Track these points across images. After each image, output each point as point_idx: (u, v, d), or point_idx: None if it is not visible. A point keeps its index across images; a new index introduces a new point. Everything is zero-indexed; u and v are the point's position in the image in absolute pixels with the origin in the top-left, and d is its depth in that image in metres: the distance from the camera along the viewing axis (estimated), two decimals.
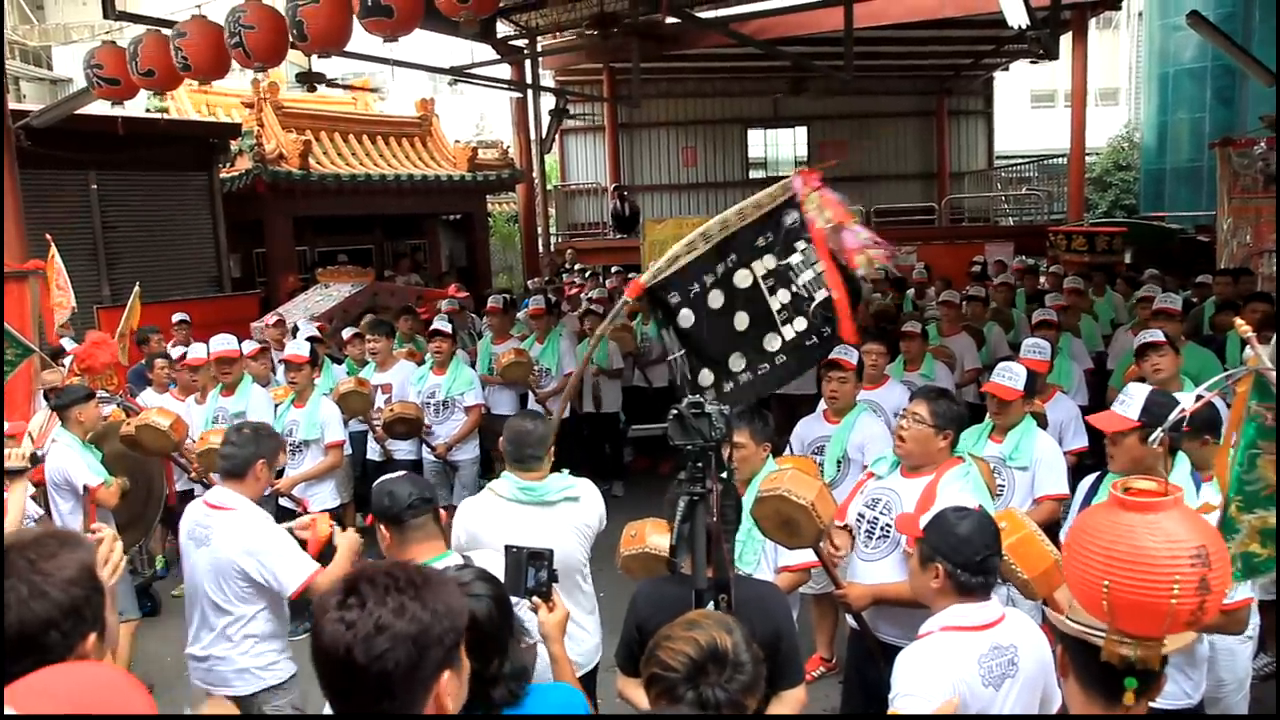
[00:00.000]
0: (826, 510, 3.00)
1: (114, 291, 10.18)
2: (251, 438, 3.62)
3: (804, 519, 2.96)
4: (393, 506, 2.79)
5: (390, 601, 1.45)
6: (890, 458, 3.70)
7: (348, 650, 1.42)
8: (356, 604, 1.45)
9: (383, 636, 1.42)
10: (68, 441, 4.90)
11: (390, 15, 5.73)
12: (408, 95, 19.35)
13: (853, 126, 21.16)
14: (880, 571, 3.45)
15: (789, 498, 2.95)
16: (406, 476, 2.92)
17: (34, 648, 1.53)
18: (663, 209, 20.79)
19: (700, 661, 1.81)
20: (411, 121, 14.86)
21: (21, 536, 1.65)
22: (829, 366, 4.85)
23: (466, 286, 12.00)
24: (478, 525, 3.40)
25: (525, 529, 3.27)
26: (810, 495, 2.95)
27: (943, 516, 2.55)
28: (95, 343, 6.11)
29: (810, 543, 3.13)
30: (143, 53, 7.02)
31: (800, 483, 3.00)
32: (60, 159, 9.64)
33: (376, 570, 1.51)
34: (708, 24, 13.31)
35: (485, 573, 2.16)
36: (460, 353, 7.16)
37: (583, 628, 3.51)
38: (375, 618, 1.43)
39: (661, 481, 8.42)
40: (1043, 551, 2.80)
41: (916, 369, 6.27)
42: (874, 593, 3.33)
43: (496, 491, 3.43)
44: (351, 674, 1.43)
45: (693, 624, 1.90)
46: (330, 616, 1.45)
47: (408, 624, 1.43)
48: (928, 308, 9.55)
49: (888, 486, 3.59)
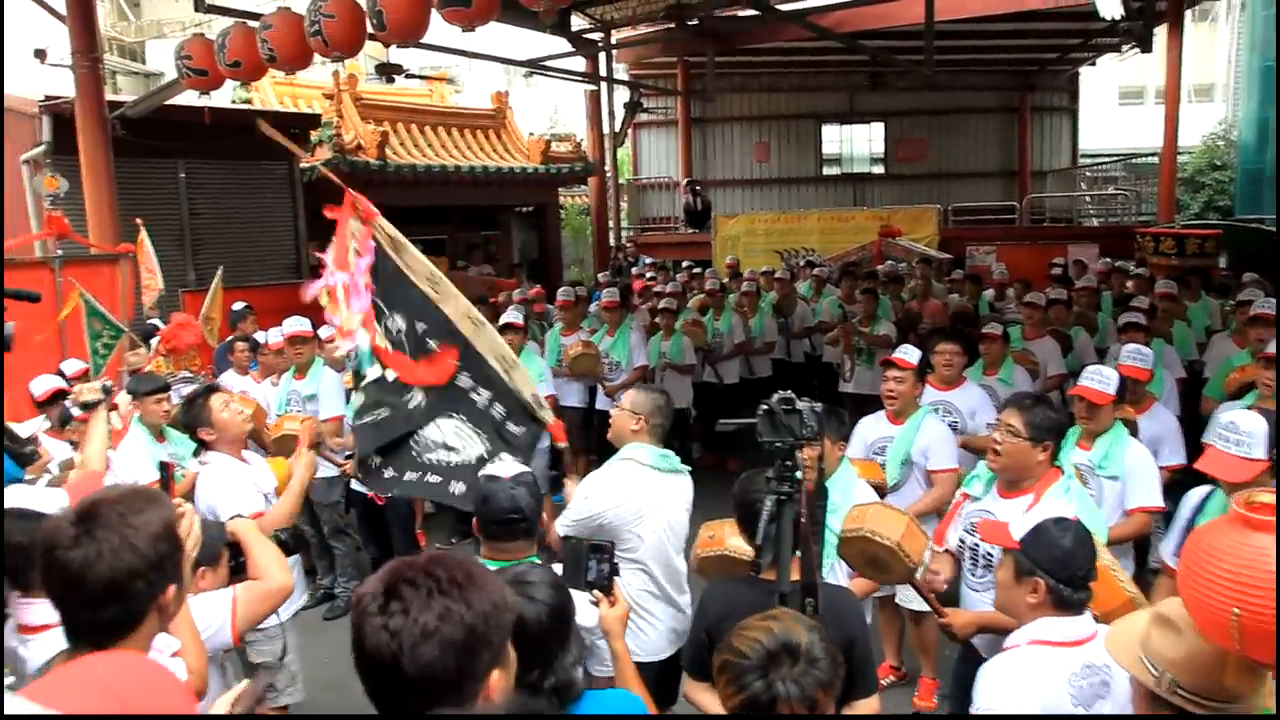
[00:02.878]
0: (915, 547, 2.85)
1: (198, 275, 10.44)
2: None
3: (891, 559, 2.83)
4: (486, 515, 2.69)
5: (434, 605, 1.37)
6: (985, 475, 3.48)
7: (393, 659, 1.35)
8: (399, 609, 1.37)
9: (429, 644, 1.35)
10: (136, 432, 4.97)
11: (468, 5, 5.75)
12: (483, 87, 19.53)
13: (931, 123, 20.72)
14: (986, 601, 3.22)
15: (874, 539, 2.82)
16: (516, 481, 2.74)
17: (120, 595, 1.65)
18: (735, 205, 20.63)
19: (774, 651, 1.74)
20: (486, 114, 14.96)
21: (111, 492, 1.75)
22: (886, 365, 4.69)
23: (537, 278, 12.05)
24: (621, 493, 3.40)
25: (665, 495, 3.45)
26: (896, 534, 2.80)
27: (1044, 529, 2.41)
28: (180, 324, 6.27)
29: (902, 579, 3.01)
30: (230, 44, 7.18)
31: (885, 520, 2.86)
32: (151, 148, 9.91)
33: (416, 569, 1.42)
34: (786, 17, 13.12)
35: (555, 578, 2.08)
36: (531, 344, 7.17)
37: (683, 598, 3.55)
38: (420, 624, 1.36)
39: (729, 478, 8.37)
40: (1115, 588, 2.65)
41: (996, 373, 6.04)
42: (980, 620, 3.12)
43: (638, 460, 3.48)
44: (399, 682, 1.37)
45: (769, 616, 1.85)
46: (373, 623, 1.38)
47: (454, 628, 1.37)
48: (1006, 309, 9.28)
49: (986, 509, 3.37)
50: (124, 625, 1.69)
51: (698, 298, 9.60)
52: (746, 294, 9.40)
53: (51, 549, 1.65)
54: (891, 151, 21.26)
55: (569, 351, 7.26)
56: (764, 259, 14.63)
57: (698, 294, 9.89)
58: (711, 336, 8.63)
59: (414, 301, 3.48)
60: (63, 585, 1.65)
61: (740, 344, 8.86)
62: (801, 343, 9.60)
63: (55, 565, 1.64)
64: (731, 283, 10.45)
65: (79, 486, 2.63)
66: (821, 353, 9.28)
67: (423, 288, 3.48)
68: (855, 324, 8.00)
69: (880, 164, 21.55)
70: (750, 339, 9.00)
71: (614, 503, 3.37)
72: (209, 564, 2.57)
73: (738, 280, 10.47)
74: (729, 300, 9.32)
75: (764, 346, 9.15)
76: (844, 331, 7.94)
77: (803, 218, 17.00)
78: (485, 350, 3.47)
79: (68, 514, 1.69)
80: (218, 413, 3.95)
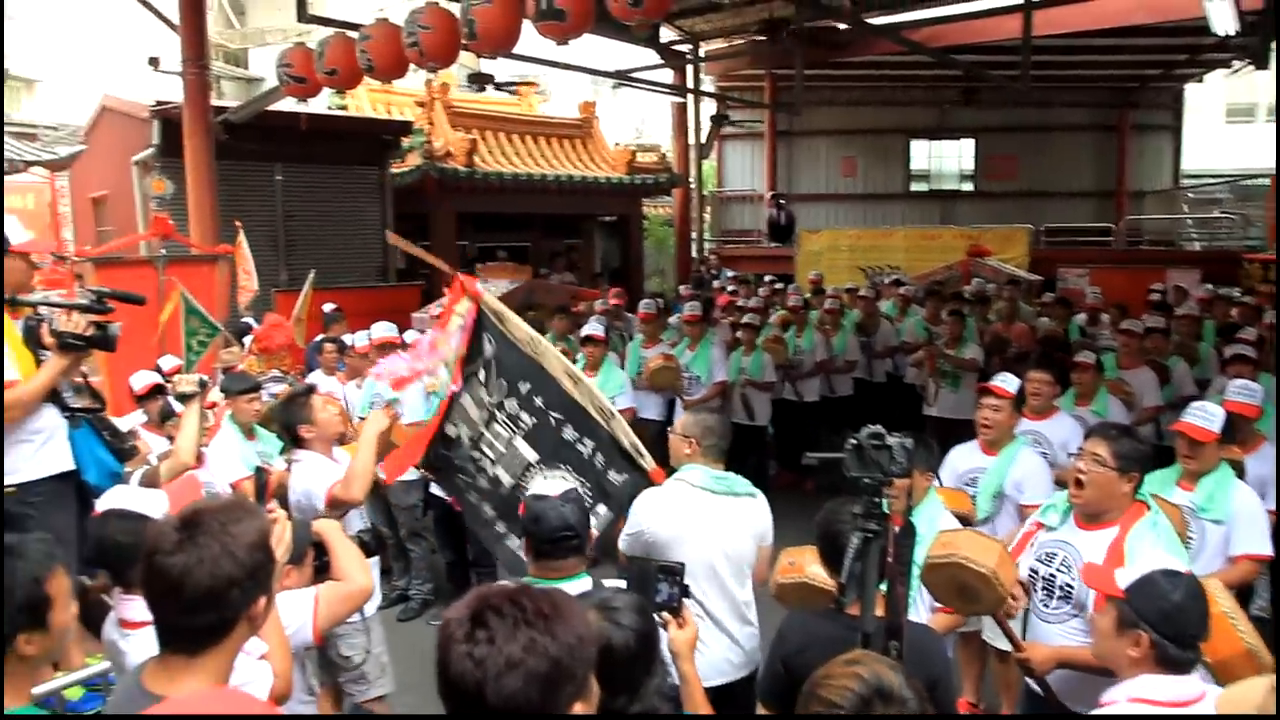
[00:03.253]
0: (1009, 576, 2.76)
1: (291, 276, 10.75)
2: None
3: (984, 587, 2.73)
4: (537, 534, 2.70)
5: (520, 636, 1.38)
6: (1061, 505, 3.34)
7: (477, 687, 1.36)
8: (485, 638, 1.38)
9: (513, 675, 1.36)
10: (228, 429, 5.11)
11: (563, 19, 5.81)
12: (570, 97, 19.73)
13: (1024, 140, 20.16)
14: (1062, 634, 3.13)
15: (968, 565, 2.72)
16: (564, 498, 2.76)
17: (216, 602, 1.69)
18: (819, 220, 20.39)
19: (867, 697, 1.68)
20: (573, 123, 15.10)
21: (213, 502, 1.82)
22: (982, 393, 4.54)
23: (619, 289, 12.08)
24: (667, 514, 3.37)
25: (715, 519, 3.34)
26: (991, 562, 2.71)
27: (1153, 581, 2.28)
28: (273, 325, 6.45)
29: (989, 610, 2.90)
30: (328, 53, 7.39)
31: (978, 547, 2.76)
32: (251, 151, 10.27)
33: (503, 598, 1.44)
34: (878, 31, 12.94)
35: (639, 603, 2.07)
36: (611, 355, 7.18)
37: (755, 626, 3.48)
38: (505, 655, 1.36)
39: (805, 499, 8.25)
40: (1232, 636, 2.50)
41: (1088, 403, 5.81)
42: (1060, 656, 3.00)
43: (689, 481, 3.42)
44: (481, 711, 1.37)
45: (852, 660, 1.78)
46: (458, 650, 1.39)
47: (539, 661, 1.37)
48: (1100, 336, 8.94)
49: (1064, 540, 3.24)
50: (216, 632, 1.74)
51: (779, 313, 9.50)
52: (829, 311, 9.27)
53: (153, 553, 1.70)
54: (981, 168, 20.75)
55: (649, 365, 7.26)
56: (848, 276, 14.42)
57: (780, 309, 9.79)
58: (793, 353, 8.53)
59: (528, 368, 3.81)
60: (162, 589, 1.70)
61: (821, 362, 8.73)
62: (884, 363, 9.41)
63: (156, 569, 1.69)
64: (814, 299, 10.31)
65: (179, 491, 2.71)
66: (904, 373, 9.08)
67: (524, 349, 3.83)
68: (941, 346, 7.81)
69: (969, 181, 21.07)
70: (832, 357, 8.87)
71: (656, 521, 3.35)
72: (295, 563, 2.62)
73: (820, 297, 10.33)
74: (811, 317, 9.20)
75: (845, 365, 9.00)
76: (929, 354, 7.76)
77: (888, 235, 16.71)
78: (586, 403, 3.71)
79: (171, 520, 1.75)
80: (318, 412, 4.06)
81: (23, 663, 1.83)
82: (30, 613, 1.81)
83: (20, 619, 1.80)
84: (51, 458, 3.61)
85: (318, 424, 4.03)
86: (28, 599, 1.81)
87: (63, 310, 3.56)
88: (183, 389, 4.04)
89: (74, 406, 3.72)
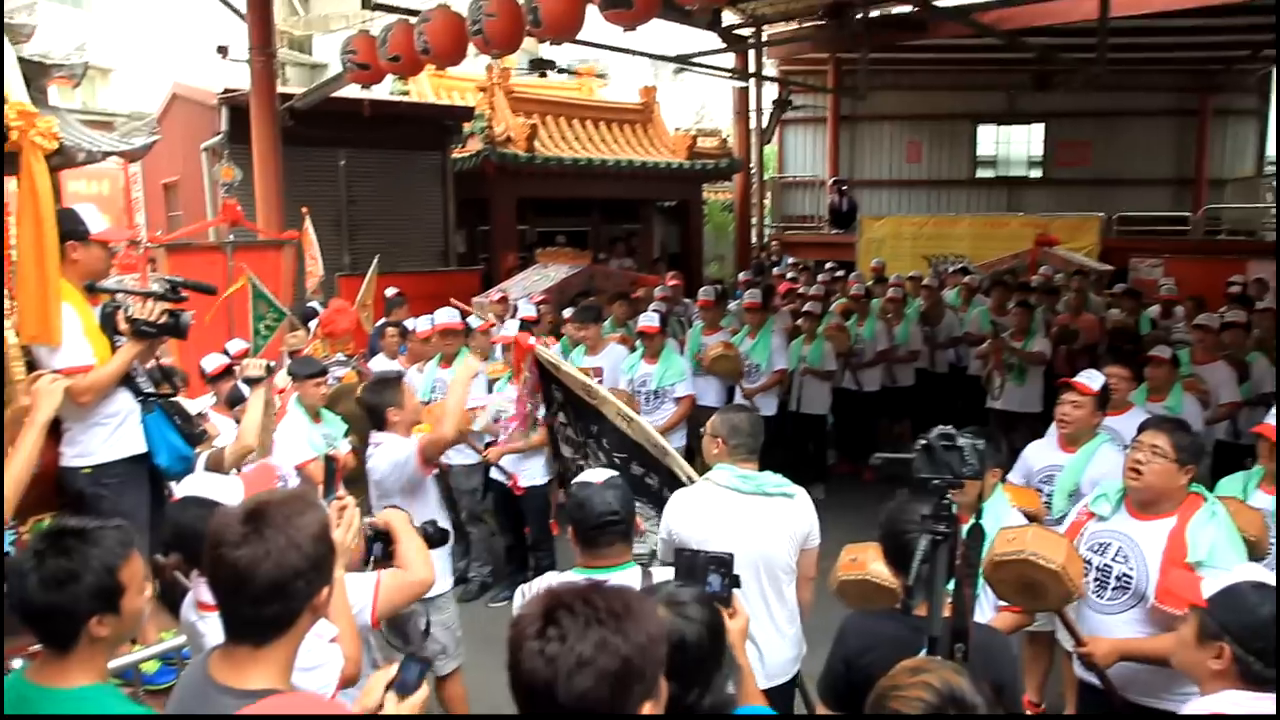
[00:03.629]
0: (1077, 571, 2.72)
1: (353, 261, 10.93)
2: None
3: (1053, 583, 2.69)
4: (583, 520, 2.72)
5: (592, 635, 1.38)
6: (1112, 495, 3.30)
7: (548, 686, 1.37)
8: (556, 636, 1.39)
9: (585, 674, 1.36)
10: (294, 412, 5.21)
11: (629, 7, 5.79)
12: (630, 81, 19.65)
13: (1097, 125, 19.55)
14: (1120, 626, 3.09)
15: (1037, 562, 2.68)
16: (607, 484, 2.79)
17: (283, 594, 1.73)
18: (882, 206, 20.07)
19: (940, 707, 1.64)
20: (633, 108, 15.06)
21: (275, 495, 1.83)
22: (1064, 388, 4.41)
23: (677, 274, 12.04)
24: (692, 514, 3.32)
25: (741, 518, 3.22)
26: (1060, 558, 2.67)
27: (1240, 593, 2.19)
28: (337, 310, 6.55)
29: (1057, 606, 2.86)
30: (391, 40, 7.46)
31: (1046, 543, 2.71)
32: (315, 137, 10.43)
33: (575, 596, 1.44)
34: (947, 14, 12.65)
35: (703, 595, 2.06)
36: (671, 341, 7.17)
37: (783, 636, 3.35)
38: (577, 654, 1.37)
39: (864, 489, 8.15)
40: None
41: (1162, 399, 5.61)
42: (1123, 649, 2.96)
43: (715, 481, 3.36)
44: (552, 708, 1.38)
45: (918, 669, 1.74)
46: (529, 648, 1.40)
47: (610, 659, 1.37)
48: (1173, 329, 8.65)
49: (1118, 530, 3.20)
50: (282, 622, 1.76)
51: (840, 301, 9.37)
52: (892, 300, 9.13)
53: (219, 546, 1.72)
54: (1051, 154, 20.19)
55: (709, 353, 7.23)
56: (911, 263, 14.16)
57: (840, 297, 9.66)
58: (854, 342, 8.42)
59: (590, 414, 4.08)
60: (228, 582, 1.73)
61: (883, 351, 8.61)
62: (946, 353, 9.24)
63: (222, 563, 1.72)
64: (876, 287, 10.16)
65: (255, 479, 2.78)
66: (967, 364, 8.91)
67: (581, 397, 4.12)
68: (1007, 339, 7.63)
69: (1038, 167, 20.53)
70: (894, 346, 8.73)
71: (681, 523, 3.30)
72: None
73: (883, 285, 10.17)
74: (873, 305, 9.07)
75: (908, 355, 8.86)
76: (995, 347, 7.58)
77: (953, 222, 16.38)
78: (641, 440, 3.85)
79: (235, 513, 1.77)
80: (408, 397, 4.17)
81: (95, 644, 1.88)
82: (102, 597, 1.86)
83: (93, 603, 1.85)
84: (125, 440, 3.72)
85: (405, 409, 4.11)
86: (100, 585, 1.86)
87: (138, 297, 3.66)
88: (250, 373, 4.14)
89: (147, 391, 3.82)
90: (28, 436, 2.87)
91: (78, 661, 1.87)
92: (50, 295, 3.44)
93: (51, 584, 1.82)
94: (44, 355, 3.56)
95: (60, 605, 1.83)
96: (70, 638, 1.85)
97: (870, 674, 2.32)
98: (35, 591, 1.83)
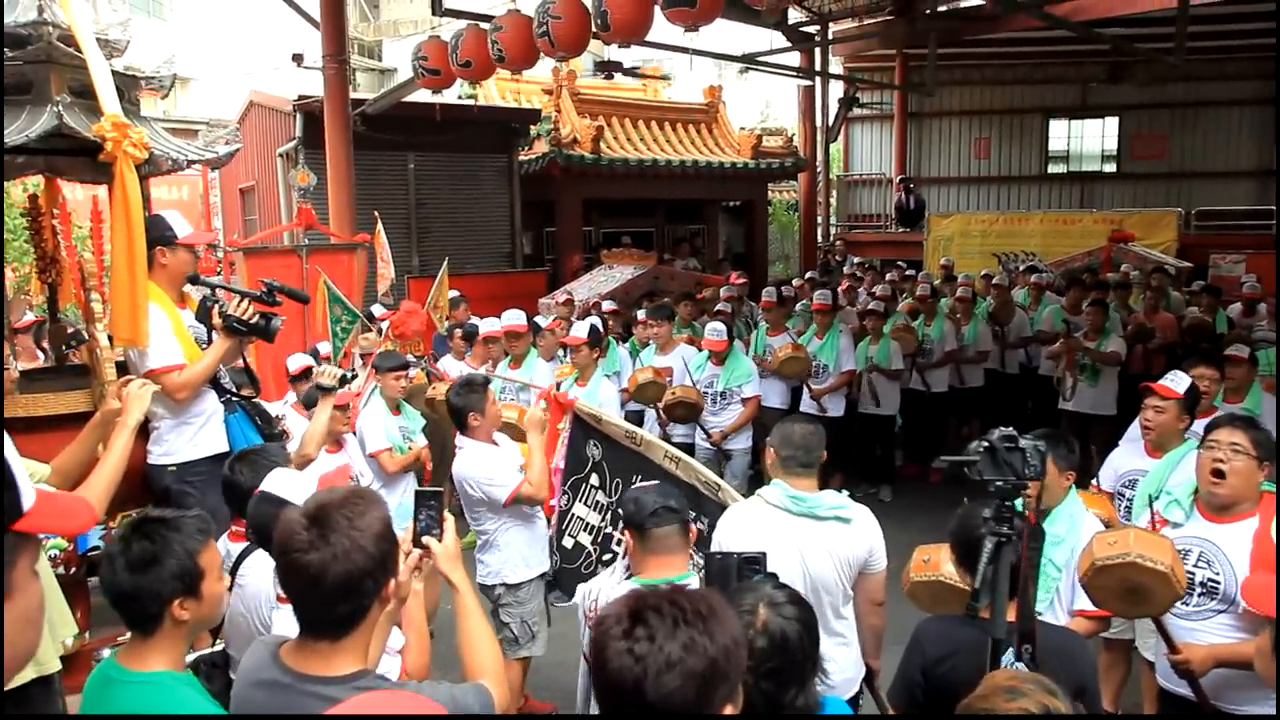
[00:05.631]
0: (1183, 572, 2.65)
1: (422, 263, 11.14)
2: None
3: (1160, 586, 2.62)
4: (637, 514, 2.79)
5: (680, 635, 1.40)
6: (1184, 500, 3.21)
7: (636, 684, 1.39)
8: (645, 636, 1.40)
9: (672, 673, 1.38)
10: (376, 404, 5.38)
11: (693, 6, 5.80)
12: (695, 81, 19.66)
13: (1173, 117, 18.92)
14: (1208, 632, 3.00)
15: (1144, 564, 2.62)
16: (657, 486, 2.90)
17: (353, 593, 1.80)
18: (950, 203, 19.73)
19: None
20: (698, 108, 15.06)
21: (334, 496, 1.88)
22: (1146, 392, 4.28)
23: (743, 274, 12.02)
24: (741, 532, 3.25)
25: (789, 541, 3.12)
26: (1168, 559, 2.60)
27: None
28: (408, 311, 6.68)
29: (1161, 610, 2.79)
30: (462, 45, 7.58)
31: (1150, 544, 2.65)
32: (386, 141, 10.67)
33: (661, 598, 1.47)
34: (1018, 6, 12.40)
35: (797, 595, 2.06)
36: (738, 342, 7.18)
37: (833, 661, 3.22)
38: (665, 654, 1.38)
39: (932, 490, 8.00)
40: None
41: (1240, 399, 5.42)
42: (1217, 655, 2.88)
43: (765, 498, 3.28)
44: (639, 708, 1.40)
45: (1013, 691, 1.67)
46: (617, 647, 1.41)
47: (698, 660, 1.39)
48: (1256, 327, 8.35)
49: (1198, 535, 3.10)
50: (355, 618, 1.84)
51: (907, 301, 9.27)
52: (960, 299, 8.99)
53: (286, 552, 1.80)
54: (1126, 148, 19.59)
55: (778, 354, 7.23)
56: (980, 262, 13.93)
57: (908, 297, 9.56)
58: (921, 342, 8.32)
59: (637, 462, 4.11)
60: (300, 585, 1.81)
61: (951, 352, 8.48)
62: (1016, 353, 9.07)
63: (293, 567, 1.79)
64: (944, 286, 10.01)
65: (330, 479, 2.88)
66: (1038, 365, 8.73)
67: (626, 444, 4.17)
68: (1080, 339, 7.46)
69: (1112, 162, 19.95)
70: (962, 347, 8.60)
71: (730, 537, 3.24)
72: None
73: (951, 284, 10.02)
74: (941, 305, 8.94)
75: (977, 355, 8.71)
76: (1068, 347, 7.42)
77: (1024, 219, 16.01)
78: (692, 480, 3.87)
79: (299, 518, 1.83)
80: (491, 403, 4.24)
81: (177, 627, 1.99)
82: (184, 581, 1.97)
83: (174, 584, 1.96)
84: (209, 439, 3.88)
85: (487, 415, 4.20)
86: (181, 569, 1.97)
87: (232, 295, 3.81)
88: (323, 381, 4.18)
89: (230, 391, 3.97)
90: (119, 438, 3.00)
91: (158, 647, 1.98)
92: (139, 299, 3.58)
93: (138, 566, 1.95)
94: (136, 357, 3.73)
95: (145, 587, 1.94)
96: (154, 619, 1.96)
97: (951, 680, 2.31)
98: (122, 574, 1.95)
